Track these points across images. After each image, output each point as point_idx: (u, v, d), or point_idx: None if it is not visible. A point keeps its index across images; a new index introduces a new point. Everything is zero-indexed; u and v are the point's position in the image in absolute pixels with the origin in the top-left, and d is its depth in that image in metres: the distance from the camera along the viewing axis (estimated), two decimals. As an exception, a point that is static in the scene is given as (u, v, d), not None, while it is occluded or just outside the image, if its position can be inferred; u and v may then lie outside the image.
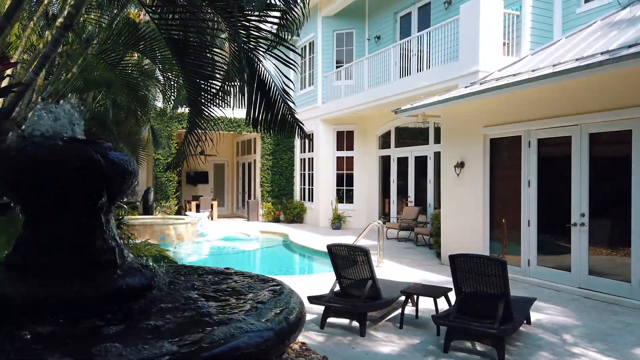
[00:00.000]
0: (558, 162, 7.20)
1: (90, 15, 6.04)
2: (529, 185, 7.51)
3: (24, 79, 4.07)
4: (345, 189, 16.24)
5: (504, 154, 8.24)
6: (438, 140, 11.38)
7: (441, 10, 12.57)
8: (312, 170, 17.00)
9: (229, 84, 4.41)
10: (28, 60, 5.09)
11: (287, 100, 4.51)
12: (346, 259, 5.39)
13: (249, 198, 20.18)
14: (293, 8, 3.99)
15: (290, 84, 4.73)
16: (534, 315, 5.53)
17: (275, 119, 4.47)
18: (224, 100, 4.57)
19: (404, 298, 5.46)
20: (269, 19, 4.07)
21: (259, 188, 18.45)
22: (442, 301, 5.55)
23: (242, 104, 4.27)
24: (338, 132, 16.43)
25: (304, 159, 17.83)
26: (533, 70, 7.03)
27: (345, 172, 16.27)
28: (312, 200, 16.94)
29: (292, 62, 4.18)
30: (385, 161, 14.98)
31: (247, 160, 20.78)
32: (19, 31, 5.66)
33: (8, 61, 4.07)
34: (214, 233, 14.32)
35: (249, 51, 4.05)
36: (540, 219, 7.41)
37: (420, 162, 13.23)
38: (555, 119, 7.06)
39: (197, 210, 17.90)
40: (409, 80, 11.83)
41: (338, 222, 15.39)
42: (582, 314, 5.76)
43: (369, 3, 15.30)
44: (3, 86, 3.39)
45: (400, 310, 5.39)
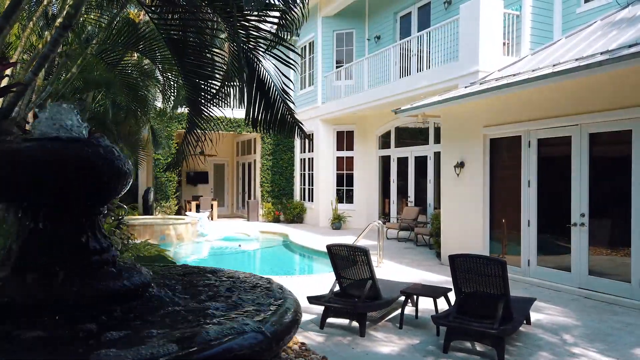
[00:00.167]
0: (558, 162, 7.20)
1: (89, 15, 6.03)
2: (529, 185, 7.51)
3: (23, 79, 4.06)
4: (345, 189, 16.23)
5: (504, 154, 8.24)
6: (438, 140, 11.38)
7: (441, 10, 12.56)
8: (312, 171, 16.99)
9: (229, 84, 4.40)
10: (28, 60, 5.09)
11: (287, 100, 4.50)
12: (346, 259, 5.38)
13: (249, 198, 20.17)
14: (292, 8, 3.98)
15: (289, 84, 4.73)
16: (534, 316, 5.53)
17: (275, 118, 4.46)
18: (224, 100, 4.56)
19: (403, 298, 5.46)
20: (269, 19, 4.06)
21: (259, 188, 18.44)
22: (442, 301, 5.54)
23: (242, 104, 4.26)
24: (338, 132, 16.42)
25: (304, 159, 17.82)
26: (533, 70, 7.02)
27: (345, 172, 16.26)
28: (312, 201, 16.94)
29: (292, 62, 4.17)
30: (385, 161, 14.97)
31: (247, 160, 20.77)
32: (19, 31, 5.65)
33: (7, 61, 4.07)
34: (214, 233, 14.32)
35: (248, 51, 4.04)
36: (540, 219, 7.40)
37: (420, 162, 13.23)
38: (555, 119, 7.06)
39: (197, 210, 17.89)
40: (408, 80, 11.83)
41: (338, 222, 15.38)
42: (582, 314, 5.76)
43: (369, 3, 15.29)
44: (2, 86, 3.39)
45: (400, 311, 5.39)
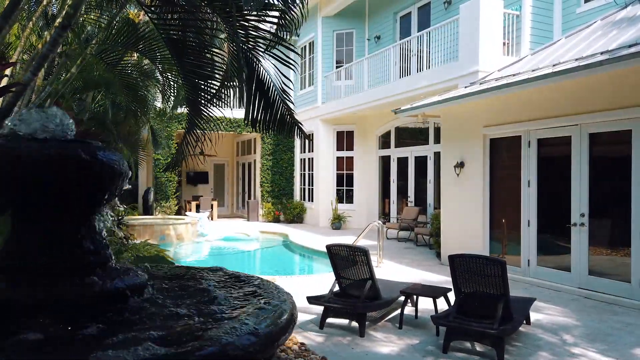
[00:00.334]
0: (558, 162, 7.19)
1: (89, 15, 6.03)
2: (529, 185, 7.50)
3: (22, 79, 4.06)
4: (345, 189, 16.23)
5: (503, 154, 8.23)
6: (438, 140, 11.38)
7: (441, 10, 12.56)
8: (312, 171, 16.99)
9: (228, 84, 4.40)
10: (27, 60, 5.08)
11: (286, 100, 4.50)
12: (345, 259, 5.38)
13: (249, 198, 20.17)
14: (292, 8, 3.98)
15: (289, 84, 4.72)
16: (534, 316, 5.52)
17: (274, 118, 4.46)
18: (223, 100, 4.56)
19: (403, 298, 5.46)
20: (268, 19, 4.05)
21: (259, 188, 18.44)
22: (442, 301, 5.54)
23: (242, 104, 4.26)
24: (338, 132, 16.42)
25: (304, 159, 17.82)
26: (533, 70, 7.02)
27: (345, 172, 16.26)
28: (312, 201, 16.93)
29: (292, 62, 4.17)
30: (385, 161, 14.97)
31: (247, 160, 20.77)
32: (18, 31, 5.66)
33: (6, 61, 4.08)
34: (214, 233, 14.32)
35: (248, 51, 4.04)
36: (540, 219, 7.40)
37: (420, 162, 13.22)
38: (555, 119, 7.06)
39: (197, 210, 17.89)
40: (408, 80, 11.83)
41: (338, 222, 15.37)
42: (582, 314, 5.75)
43: (369, 3, 15.29)
44: (1, 86, 3.39)
45: (399, 311, 5.38)
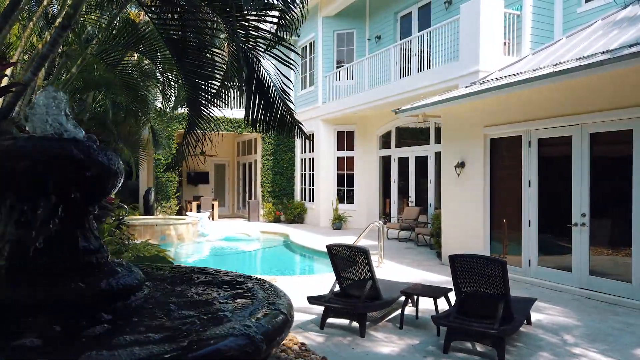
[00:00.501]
0: (559, 162, 7.18)
1: (89, 16, 6.04)
2: (530, 185, 7.49)
3: (22, 79, 4.06)
4: (346, 189, 16.22)
5: (504, 154, 8.22)
6: (439, 140, 11.36)
7: (442, 10, 12.55)
8: (313, 171, 16.99)
9: (229, 84, 4.40)
10: (28, 60, 5.09)
11: (286, 100, 4.50)
12: (346, 259, 5.37)
13: (250, 198, 20.17)
14: (292, 8, 3.98)
15: (289, 84, 4.72)
16: (535, 316, 5.51)
17: (274, 118, 4.46)
18: (224, 100, 4.56)
19: (404, 298, 5.45)
20: (268, 19, 4.05)
21: (260, 188, 18.44)
22: (442, 301, 5.53)
23: (242, 104, 4.26)
24: (339, 132, 16.41)
25: (305, 159, 17.82)
26: (533, 70, 7.01)
27: (345, 172, 16.26)
28: (313, 201, 16.93)
29: (292, 62, 4.17)
30: (386, 161, 14.96)
31: (248, 160, 20.78)
32: (19, 32, 5.66)
33: (7, 61, 4.08)
34: (214, 233, 14.32)
35: (248, 51, 4.04)
36: (540, 219, 7.39)
37: (421, 162, 13.21)
38: (555, 118, 7.05)
39: (198, 210, 17.89)
40: (409, 80, 11.82)
41: (339, 222, 15.37)
42: (583, 314, 5.74)
43: (369, 3, 15.28)
44: (1, 86, 3.39)
45: (400, 311, 5.37)
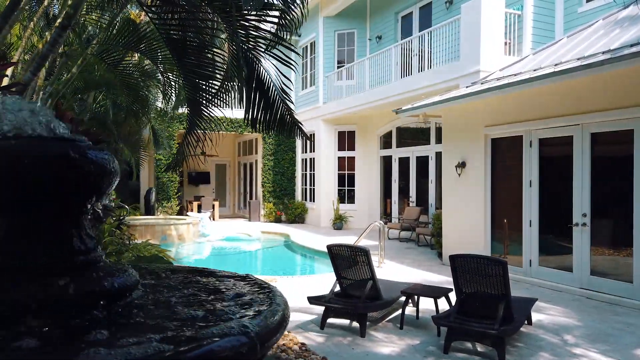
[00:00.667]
0: (559, 162, 7.17)
1: (90, 16, 6.04)
2: (531, 185, 7.48)
3: (22, 79, 4.07)
4: (346, 189, 16.22)
5: (505, 154, 8.21)
6: (439, 140, 11.35)
7: (442, 10, 12.54)
8: (314, 171, 16.99)
9: (229, 84, 4.40)
10: (29, 60, 5.09)
11: (286, 100, 4.49)
12: (346, 259, 5.37)
13: (251, 198, 20.18)
14: (292, 8, 3.98)
15: (289, 84, 4.72)
16: (535, 316, 5.51)
17: (274, 118, 4.46)
18: (224, 100, 4.56)
19: (404, 298, 5.44)
20: (268, 19, 4.05)
21: (261, 188, 18.45)
22: (443, 302, 5.52)
23: (243, 104, 4.26)
24: (339, 132, 16.41)
25: (306, 159, 17.82)
26: (534, 70, 7.00)
27: (346, 172, 16.25)
28: (314, 201, 16.93)
29: (292, 62, 4.16)
30: (386, 161, 14.95)
31: (249, 160, 20.78)
32: (20, 32, 5.67)
33: (7, 61, 4.08)
34: (215, 233, 14.32)
35: (248, 51, 4.04)
36: (541, 219, 7.38)
37: (422, 162, 13.21)
38: (556, 118, 7.04)
39: (199, 210, 17.90)
40: (410, 80, 11.81)
41: (339, 223, 15.36)
42: (584, 315, 5.73)
43: (370, 3, 15.28)
44: (1, 86, 3.39)
45: (400, 311, 5.37)
